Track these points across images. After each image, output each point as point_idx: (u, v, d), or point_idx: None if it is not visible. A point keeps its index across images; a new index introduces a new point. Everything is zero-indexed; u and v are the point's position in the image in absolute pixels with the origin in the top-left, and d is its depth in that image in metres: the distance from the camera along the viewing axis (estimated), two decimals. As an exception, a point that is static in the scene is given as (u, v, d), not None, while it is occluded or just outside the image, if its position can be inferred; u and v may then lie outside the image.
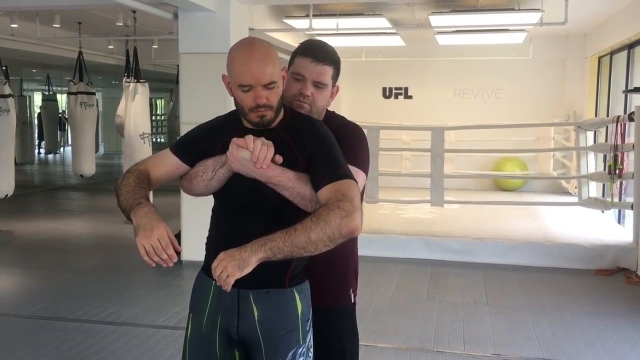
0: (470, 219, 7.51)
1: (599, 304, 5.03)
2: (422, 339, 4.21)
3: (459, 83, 10.71)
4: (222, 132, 1.85)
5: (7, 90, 7.43)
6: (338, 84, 2.06)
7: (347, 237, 1.66)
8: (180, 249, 1.69)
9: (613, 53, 8.32)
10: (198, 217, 3.15)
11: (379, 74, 10.96)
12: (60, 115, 18.04)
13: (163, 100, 23.04)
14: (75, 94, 8.79)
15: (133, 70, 7.99)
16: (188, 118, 5.96)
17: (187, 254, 5.63)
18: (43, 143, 19.12)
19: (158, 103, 23.18)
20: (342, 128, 1.99)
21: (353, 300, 2.17)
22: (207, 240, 1.93)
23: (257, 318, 1.80)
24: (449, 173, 8.29)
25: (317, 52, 1.97)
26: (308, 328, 1.86)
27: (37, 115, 18.63)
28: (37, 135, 18.60)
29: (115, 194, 1.81)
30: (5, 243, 7.49)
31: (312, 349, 1.89)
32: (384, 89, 11.18)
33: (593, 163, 7.08)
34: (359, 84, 10.83)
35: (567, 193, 9.67)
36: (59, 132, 18.48)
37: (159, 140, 20.16)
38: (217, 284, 1.64)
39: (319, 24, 7.51)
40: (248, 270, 1.61)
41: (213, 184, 1.83)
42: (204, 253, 1.93)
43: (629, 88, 7.28)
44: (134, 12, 7.10)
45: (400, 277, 5.80)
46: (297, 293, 1.83)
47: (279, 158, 1.73)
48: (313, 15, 6.96)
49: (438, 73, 10.77)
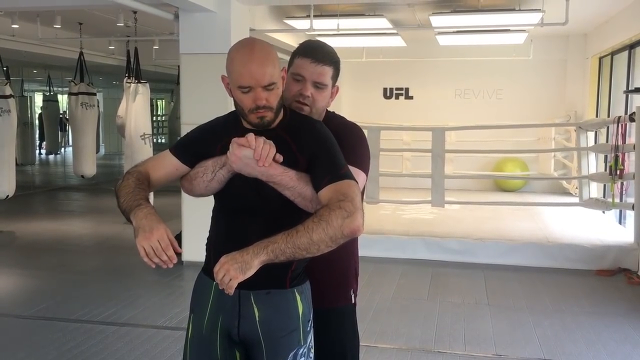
0: (471, 220, 7.51)
1: (600, 305, 5.02)
2: (423, 340, 4.21)
3: (460, 83, 10.71)
4: (221, 132, 1.84)
5: (8, 91, 7.44)
6: (338, 84, 2.06)
7: (348, 237, 1.66)
8: (180, 250, 1.69)
9: (614, 53, 8.31)
10: (199, 217, 3.15)
11: (380, 75, 10.96)
12: (61, 116, 18.05)
13: (164, 101, 23.07)
14: (76, 95, 8.80)
15: (134, 71, 7.99)
16: (189, 118, 5.96)
17: (187, 255, 5.65)
18: (44, 144, 19.14)
19: (159, 104, 23.22)
20: (341, 128, 1.99)
21: (353, 301, 2.17)
22: (207, 241, 1.93)
23: (258, 319, 1.80)
24: (450, 173, 8.28)
25: (316, 52, 1.97)
26: (309, 329, 1.86)
27: (38, 116, 18.65)
28: (38, 136, 18.62)
29: (115, 196, 1.81)
30: (6, 244, 7.49)
31: (313, 350, 1.88)
32: (385, 90, 11.17)
33: (594, 163, 7.07)
34: (360, 85, 10.83)
35: (568, 193, 9.66)
36: (60, 132, 18.50)
37: (160, 141, 20.17)
38: (219, 287, 1.64)
39: (320, 25, 7.51)
40: (251, 273, 1.61)
41: (213, 185, 1.83)
42: (205, 254, 1.93)
43: (630, 88, 7.26)
44: (135, 12, 7.11)
45: (401, 277, 5.80)
46: (298, 293, 1.83)
47: (280, 157, 1.73)
48: (314, 16, 6.98)
49: (439, 73, 10.76)
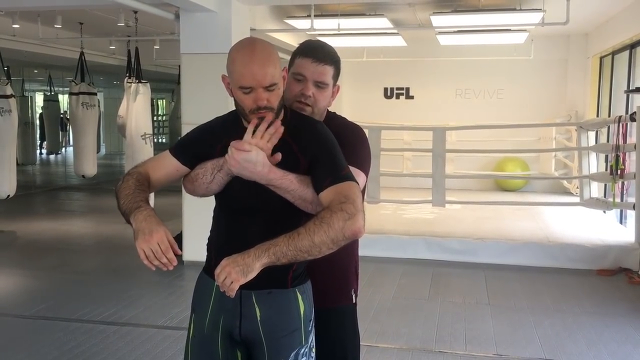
0: (472, 219, 7.50)
1: (601, 305, 5.02)
2: (423, 340, 4.21)
3: (461, 83, 10.70)
4: (221, 132, 1.84)
5: (8, 91, 7.43)
6: (338, 84, 2.06)
7: (350, 239, 1.66)
8: (180, 252, 1.69)
9: (615, 53, 8.30)
10: (199, 217, 3.16)
11: (381, 74, 10.96)
12: (62, 116, 18.07)
13: (164, 101, 23.09)
14: (77, 95, 8.80)
15: (134, 71, 7.98)
16: (189, 118, 5.96)
17: (188, 255, 5.65)
18: (45, 143, 19.16)
19: (159, 103, 23.24)
20: (342, 128, 1.99)
21: (354, 301, 2.17)
22: (208, 241, 1.93)
23: (259, 318, 1.80)
24: (451, 173, 8.28)
25: (317, 52, 1.97)
26: (310, 328, 1.86)
27: (38, 116, 18.67)
28: (38, 136, 18.64)
29: (115, 197, 1.81)
30: (7, 243, 7.49)
31: (314, 350, 1.88)
32: (386, 89, 11.17)
33: (595, 163, 7.06)
34: (361, 85, 10.83)
35: (568, 193, 9.65)
36: (61, 132, 18.51)
37: (161, 141, 20.19)
38: (220, 289, 1.64)
39: (321, 24, 7.51)
40: (252, 276, 1.61)
41: (213, 187, 1.83)
42: (205, 253, 1.93)
43: (631, 88, 7.26)
44: (136, 12, 7.10)
45: (402, 277, 5.80)
46: (299, 293, 1.83)
47: (278, 155, 1.73)
48: (314, 16, 6.97)
49: (439, 73, 10.76)
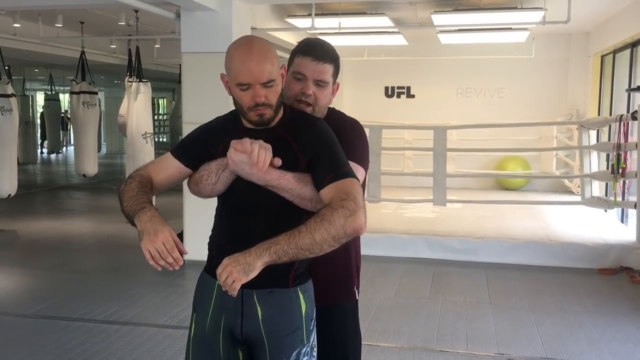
0: (473, 218, 7.50)
1: (602, 303, 5.02)
2: (424, 339, 4.21)
3: (462, 82, 10.70)
4: (222, 133, 1.84)
5: (9, 90, 7.44)
6: (338, 81, 2.06)
7: (351, 236, 1.66)
8: (186, 252, 1.69)
9: (616, 52, 8.29)
10: (201, 216, 3.16)
11: (382, 73, 10.95)
12: (63, 115, 18.10)
13: (165, 100, 23.12)
14: (78, 94, 8.81)
15: (135, 70, 7.99)
16: (190, 117, 5.96)
17: (189, 254, 5.59)
18: (45, 143, 19.18)
19: (160, 102, 23.26)
20: (340, 123, 1.99)
21: (357, 297, 2.17)
22: (209, 240, 1.93)
23: (261, 318, 1.80)
24: (452, 172, 8.27)
25: (317, 50, 1.97)
26: (312, 327, 1.86)
27: (39, 115, 18.70)
28: (39, 135, 18.65)
29: (119, 200, 1.81)
30: (8, 243, 7.50)
31: (315, 349, 1.88)
32: (387, 88, 11.16)
33: (596, 162, 7.06)
34: (361, 83, 10.83)
35: (570, 192, 9.65)
36: (62, 131, 18.56)
37: (162, 140, 20.22)
38: (222, 288, 1.63)
39: (321, 23, 7.51)
40: (254, 275, 1.60)
41: (219, 187, 1.83)
42: (207, 253, 1.92)
43: (632, 87, 7.25)
44: (136, 11, 7.11)
45: (403, 276, 5.79)
46: (300, 292, 1.83)
47: (278, 160, 1.72)
48: (315, 15, 6.97)
49: (440, 72, 10.75)
